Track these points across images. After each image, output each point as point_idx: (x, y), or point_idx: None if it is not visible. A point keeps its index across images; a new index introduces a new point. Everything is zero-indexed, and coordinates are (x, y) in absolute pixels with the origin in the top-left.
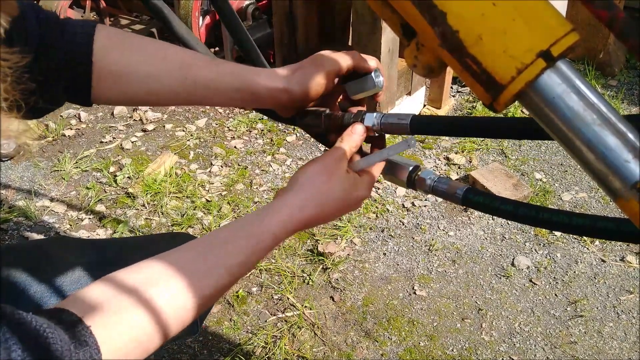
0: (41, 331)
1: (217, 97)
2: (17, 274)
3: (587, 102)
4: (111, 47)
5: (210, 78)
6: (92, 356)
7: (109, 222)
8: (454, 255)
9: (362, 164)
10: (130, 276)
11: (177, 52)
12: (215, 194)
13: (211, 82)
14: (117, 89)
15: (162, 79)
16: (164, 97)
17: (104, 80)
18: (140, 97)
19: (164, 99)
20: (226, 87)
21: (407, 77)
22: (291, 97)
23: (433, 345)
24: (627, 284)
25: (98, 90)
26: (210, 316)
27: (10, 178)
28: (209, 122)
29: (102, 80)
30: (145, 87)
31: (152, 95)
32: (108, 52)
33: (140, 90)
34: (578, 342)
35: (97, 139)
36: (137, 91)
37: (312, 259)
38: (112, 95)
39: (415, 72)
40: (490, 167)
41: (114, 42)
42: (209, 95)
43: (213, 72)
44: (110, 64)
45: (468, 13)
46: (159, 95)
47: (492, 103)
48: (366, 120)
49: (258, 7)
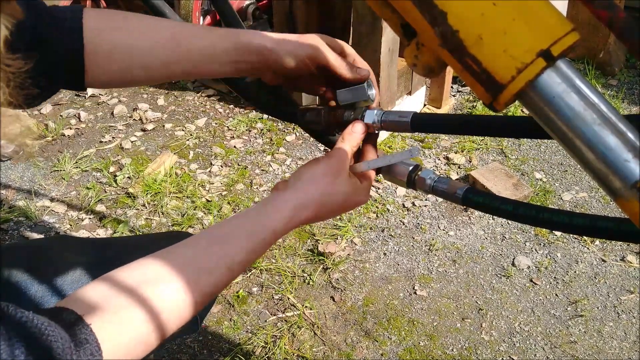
0: (42, 329)
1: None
2: (17, 274)
3: (587, 101)
4: (101, 28)
5: (204, 44)
6: (93, 354)
7: (109, 222)
8: (454, 255)
9: (364, 167)
10: (130, 274)
11: (169, 24)
12: (215, 194)
13: (204, 48)
14: (112, 68)
15: (155, 51)
16: (158, 71)
17: (98, 62)
18: (135, 74)
19: (159, 73)
20: (220, 50)
21: (407, 76)
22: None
23: (433, 345)
24: (628, 284)
25: (92, 74)
26: (210, 316)
27: (10, 178)
28: (209, 122)
29: (95, 63)
30: (139, 62)
31: (147, 70)
32: (99, 33)
33: (134, 65)
34: (578, 341)
35: (97, 138)
36: (132, 67)
37: (312, 258)
38: (107, 76)
39: (415, 72)
40: (490, 167)
41: (104, 22)
42: (204, 61)
43: (206, 37)
44: (102, 44)
45: (468, 13)
46: (153, 70)
47: (492, 102)
48: (366, 118)
49: (258, 7)
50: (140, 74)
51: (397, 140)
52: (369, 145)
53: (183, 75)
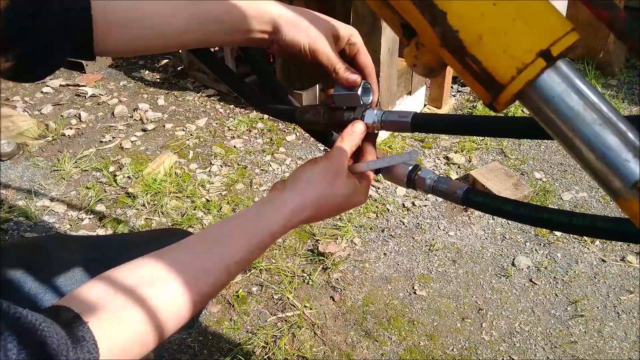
0: (36, 325)
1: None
2: (13, 272)
3: (587, 101)
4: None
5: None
6: (90, 352)
7: (109, 222)
8: (454, 255)
9: (363, 168)
10: (128, 274)
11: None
12: (215, 194)
13: (222, 14)
14: (125, 36)
15: (171, 18)
16: (173, 38)
17: (110, 31)
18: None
19: (174, 41)
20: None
21: (407, 76)
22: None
23: (433, 345)
24: (628, 284)
25: (103, 43)
26: (210, 316)
27: (10, 178)
28: (209, 122)
29: (107, 32)
30: (154, 30)
31: (162, 37)
32: (108, 2)
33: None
34: (578, 341)
35: (97, 138)
36: (147, 34)
37: (312, 259)
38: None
39: (415, 72)
40: (490, 167)
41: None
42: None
43: (222, 4)
44: (114, 12)
45: (468, 13)
46: (167, 37)
47: (492, 102)
48: (366, 118)
49: None
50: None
51: (397, 140)
52: (369, 145)
53: (199, 43)
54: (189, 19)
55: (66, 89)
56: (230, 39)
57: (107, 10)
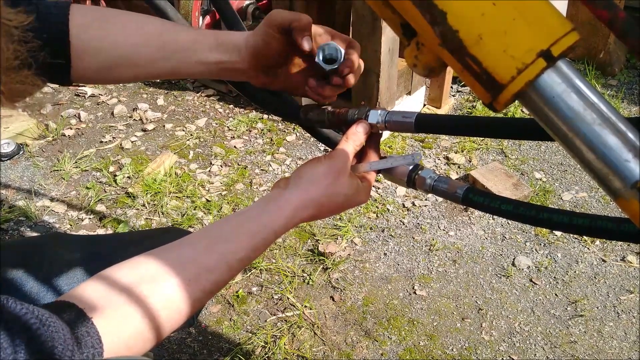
0: (43, 320)
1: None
2: (12, 271)
3: (587, 101)
4: (88, 24)
5: (190, 39)
6: (94, 346)
7: (109, 222)
8: (455, 255)
9: (366, 168)
10: (130, 272)
11: (156, 21)
12: (215, 194)
13: (191, 43)
14: (97, 64)
15: (141, 47)
16: (144, 69)
17: (84, 57)
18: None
19: (145, 71)
20: (204, 47)
21: (407, 76)
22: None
23: (433, 344)
24: (628, 284)
25: (78, 69)
26: (210, 316)
27: (10, 178)
28: (209, 122)
29: (81, 58)
30: (125, 58)
31: (133, 67)
32: (86, 29)
33: (120, 61)
34: (578, 341)
35: (97, 138)
36: (118, 63)
37: (312, 259)
38: (93, 72)
39: (415, 72)
40: (490, 167)
41: (91, 19)
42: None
43: (191, 33)
44: (90, 40)
45: (468, 13)
46: (139, 66)
47: (492, 102)
48: (370, 118)
49: (258, 6)
50: (127, 72)
51: (398, 140)
52: (372, 145)
53: (169, 73)
54: (158, 50)
55: (65, 89)
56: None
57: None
